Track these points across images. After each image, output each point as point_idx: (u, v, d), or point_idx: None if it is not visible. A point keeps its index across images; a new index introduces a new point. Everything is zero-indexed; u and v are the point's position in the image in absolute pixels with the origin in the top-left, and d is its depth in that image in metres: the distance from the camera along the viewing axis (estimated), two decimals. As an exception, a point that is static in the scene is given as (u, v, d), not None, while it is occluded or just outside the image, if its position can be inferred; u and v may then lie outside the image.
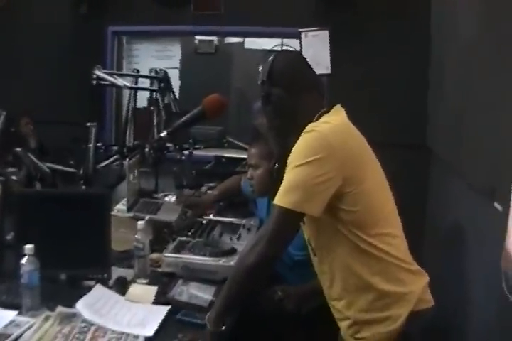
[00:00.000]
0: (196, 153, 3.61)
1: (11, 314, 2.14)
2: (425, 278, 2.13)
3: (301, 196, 1.93)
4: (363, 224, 2.01)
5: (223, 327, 2.03)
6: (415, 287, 2.05)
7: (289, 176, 1.98)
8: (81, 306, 2.21)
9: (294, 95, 2.13)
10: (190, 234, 2.98)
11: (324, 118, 2.09)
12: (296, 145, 2.01)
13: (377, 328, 2.02)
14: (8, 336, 1.99)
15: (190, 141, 3.53)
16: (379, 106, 4.31)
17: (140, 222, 2.58)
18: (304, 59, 2.27)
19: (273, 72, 2.15)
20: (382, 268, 2.02)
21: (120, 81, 3.82)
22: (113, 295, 2.37)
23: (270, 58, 2.18)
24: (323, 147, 1.95)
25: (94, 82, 3.73)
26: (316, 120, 2.09)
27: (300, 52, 4.01)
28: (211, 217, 3.30)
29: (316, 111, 2.12)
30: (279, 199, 1.96)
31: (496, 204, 2.34)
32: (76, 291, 2.35)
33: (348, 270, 2.04)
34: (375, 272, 2.02)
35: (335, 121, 2.08)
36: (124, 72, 5.00)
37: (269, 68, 2.16)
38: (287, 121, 2.16)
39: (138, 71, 4.26)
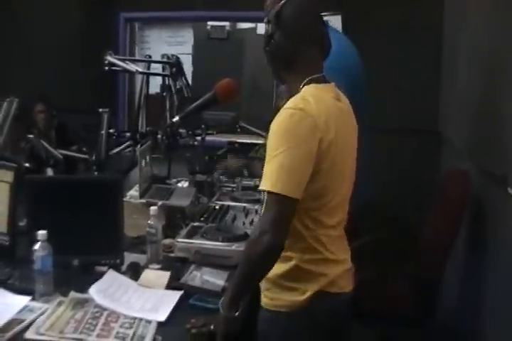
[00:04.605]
0: (209, 138, 3.61)
1: (24, 299, 2.15)
2: (343, 267, 2.13)
3: (290, 180, 1.90)
4: (308, 205, 1.99)
5: (237, 313, 2.03)
6: (329, 271, 2.07)
7: (273, 164, 1.92)
8: (94, 291, 2.22)
9: (295, 43, 2.07)
10: (202, 219, 2.98)
11: (310, 89, 2.04)
12: (276, 124, 1.95)
13: (284, 295, 2.07)
14: (22, 321, 2.00)
15: (203, 126, 3.53)
16: (391, 92, 4.29)
17: (153, 208, 2.58)
18: (318, 10, 2.18)
19: (282, 14, 2.07)
20: (304, 247, 2.04)
21: (132, 66, 3.81)
22: (126, 281, 2.37)
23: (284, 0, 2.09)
24: (303, 128, 1.92)
25: (107, 68, 3.73)
26: (304, 85, 2.04)
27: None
28: (224, 202, 3.31)
29: (311, 69, 2.07)
30: (271, 186, 1.91)
31: (510, 190, 2.33)
32: (89, 277, 2.35)
33: None
34: (297, 248, 2.03)
35: (316, 98, 2.00)
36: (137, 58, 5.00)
37: (279, 9, 2.07)
38: (281, 68, 2.13)
39: (150, 57, 4.25)
